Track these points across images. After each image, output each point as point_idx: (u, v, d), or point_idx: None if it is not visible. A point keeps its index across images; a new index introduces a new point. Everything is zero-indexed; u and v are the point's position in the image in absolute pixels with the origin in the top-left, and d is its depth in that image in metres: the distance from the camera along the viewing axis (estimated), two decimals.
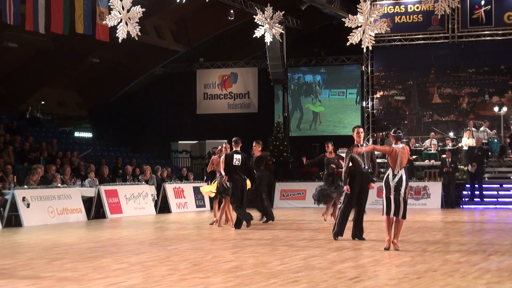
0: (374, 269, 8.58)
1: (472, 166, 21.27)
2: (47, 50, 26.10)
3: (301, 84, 30.02)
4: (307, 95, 29.87)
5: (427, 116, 26.56)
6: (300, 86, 30.02)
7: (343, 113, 29.26)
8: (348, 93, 29.34)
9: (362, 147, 11.63)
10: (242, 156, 14.55)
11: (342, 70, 29.56)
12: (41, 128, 25.09)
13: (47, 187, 16.92)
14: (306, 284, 7.57)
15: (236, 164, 14.33)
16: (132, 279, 7.98)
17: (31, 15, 16.58)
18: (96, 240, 12.70)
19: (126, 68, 30.45)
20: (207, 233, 13.91)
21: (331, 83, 29.70)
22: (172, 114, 31.82)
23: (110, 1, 12.38)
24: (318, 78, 29.88)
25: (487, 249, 10.61)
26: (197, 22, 28.61)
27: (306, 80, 30.00)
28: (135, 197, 19.34)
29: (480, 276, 8.05)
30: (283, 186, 23.22)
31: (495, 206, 21.00)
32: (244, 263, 9.18)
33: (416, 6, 26.06)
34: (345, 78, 29.52)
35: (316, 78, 29.90)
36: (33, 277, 8.22)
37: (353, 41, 12.99)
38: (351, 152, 11.69)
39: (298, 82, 30.02)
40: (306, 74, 29.98)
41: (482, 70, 25.90)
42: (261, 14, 16.17)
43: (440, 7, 13.07)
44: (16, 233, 14.38)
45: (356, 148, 11.54)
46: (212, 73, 31.10)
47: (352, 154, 11.66)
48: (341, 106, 29.36)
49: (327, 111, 29.54)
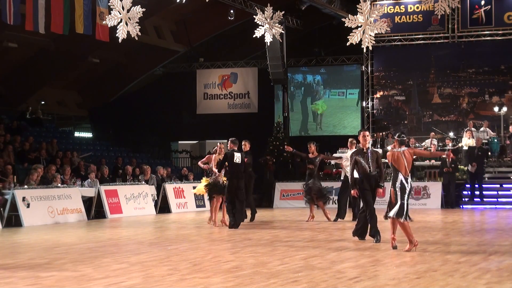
0: (374, 269, 8.58)
1: (472, 166, 21.28)
2: (47, 50, 26.09)
3: (302, 85, 30.01)
4: (307, 95, 29.86)
5: (427, 116, 26.57)
6: (301, 86, 30.00)
7: (343, 113, 29.24)
8: (348, 93, 29.31)
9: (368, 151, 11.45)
10: (242, 155, 14.73)
11: (342, 70, 29.55)
12: (41, 128, 25.09)
13: (47, 187, 16.93)
14: (306, 284, 7.57)
15: (237, 162, 14.45)
16: (132, 279, 7.98)
17: (31, 15, 16.57)
18: (96, 240, 12.70)
19: (126, 68, 30.43)
20: (207, 233, 13.91)
21: (331, 83, 29.69)
22: (172, 114, 31.80)
23: (110, 1, 12.38)
24: (318, 78, 29.87)
25: (487, 249, 10.61)
26: (197, 22, 28.60)
27: (308, 81, 29.99)
28: (135, 197, 19.34)
29: (480, 276, 8.05)
30: (283, 186, 23.22)
31: (495, 206, 21.00)
32: (244, 263, 9.18)
33: (416, 6, 26.06)
34: (345, 78, 29.51)
35: (316, 78, 29.89)
36: (33, 277, 8.22)
37: (353, 41, 12.99)
38: (355, 156, 11.60)
39: (298, 82, 30.00)
40: (306, 74, 29.97)
41: (482, 70, 25.90)
42: (261, 14, 16.17)
43: (440, 7, 13.06)
44: (16, 233, 14.38)
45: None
46: (212, 73, 31.09)
47: (356, 157, 11.54)
48: (341, 106, 29.34)
49: (327, 111, 29.53)
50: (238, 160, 14.50)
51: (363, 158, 11.50)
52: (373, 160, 11.47)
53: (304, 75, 30.00)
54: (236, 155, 14.53)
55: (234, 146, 14.76)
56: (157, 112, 31.32)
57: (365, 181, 11.48)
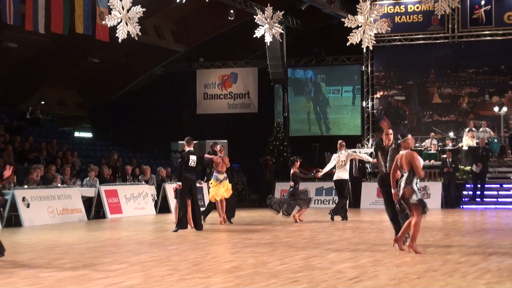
0: (374, 269, 8.58)
1: (477, 167, 21.19)
2: (47, 50, 26.10)
3: (302, 84, 30.01)
4: (308, 95, 29.86)
5: (427, 116, 26.57)
6: (301, 85, 30.01)
7: (342, 114, 29.24)
8: (348, 94, 29.32)
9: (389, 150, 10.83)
10: (197, 157, 14.27)
11: (342, 70, 29.54)
12: (41, 128, 25.09)
13: (47, 187, 16.93)
14: (306, 284, 7.57)
15: (191, 166, 14.03)
16: (132, 279, 7.98)
17: (31, 15, 16.58)
18: (96, 240, 12.69)
19: (126, 68, 30.44)
20: (207, 233, 13.90)
21: (331, 83, 29.69)
22: (172, 114, 31.81)
23: (110, 1, 12.38)
24: (318, 78, 29.86)
25: (487, 249, 10.60)
26: (197, 22, 28.60)
27: (308, 80, 29.99)
28: (135, 197, 19.33)
29: (480, 276, 8.04)
30: (283, 186, 23.18)
31: (495, 206, 20.98)
32: (244, 263, 9.17)
33: (416, 6, 26.06)
34: (345, 78, 29.51)
35: (316, 78, 29.88)
36: (33, 277, 8.21)
37: (353, 41, 12.99)
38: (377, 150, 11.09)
39: (298, 82, 30.01)
40: (306, 73, 29.96)
41: (482, 70, 25.90)
42: (261, 14, 16.18)
43: (440, 7, 13.08)
44: (16, 233, 14.37)
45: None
46: (212, 73, 31.10)
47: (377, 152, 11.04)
48: (340, 107, 29.34)
49: (327, 111, 29.51)
50: (192, 163, 13.96)
51: (382, 156, 10.98)
52: (391, 160, 10.83)
53: (305, 74, 30.00)
54: (192, 158, 13.99)
55: (189, 146, 14.16)
56: (157, 112, 31.34)
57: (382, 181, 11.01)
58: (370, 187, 21.52)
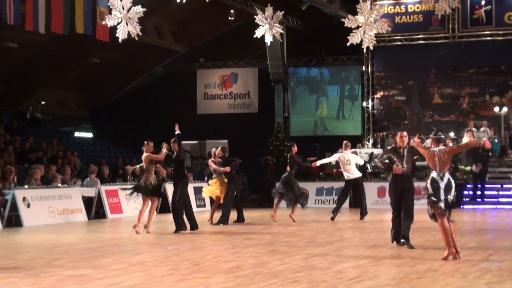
0: (374, 269, 8.57)
1: (477, 167, 21.16)
2: (47, 50, 26.09)
3: (302, 84, 29.99)
4: (307, 94, 29.84)
5: (427, 116, 26.56)
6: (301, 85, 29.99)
7: (342, 113, 29.23)
8: (348, 93, 29.31)
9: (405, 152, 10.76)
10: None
11: (342, 70, 29.53)
12: (41, 128, 25.08)
13: (47, 187, 16.92)
14: (306, 284, 7.57)
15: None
16: (132, 279, 7.98)
17: (31, 15, 16.56)
18: (96, 240, 12.69)
19: (126, 68, 30.43)
20: (207, 233, 13.90)
21: (331, 83, 29.67)
22: (172, 114, 31.77)
23: (110, 1, 12.38)
24: (318, 78, 29.84)
25: (487, 249, 10.60)
26: (197, 22, 28.60)
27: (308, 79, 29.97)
28: (135, 197, 19.27)
29: (481, 276, 8.04)
30: None
31: (495, 206, 20.96)
32: (244, 263, 9.17)
33: (416, 6, 26.06)
34: (345, 78, 29.50)
35: (316, 78, 29.87)
36: (33, 277, 8.21)
37: (353, 41, 13.00)
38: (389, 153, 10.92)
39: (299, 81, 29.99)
40: (307, 72, 29.94)
41: (482, 70, 25.90)
42: (261, 14, 16.17)
43: (441, 7, 13.09)
44: (16, 233, 14.38)
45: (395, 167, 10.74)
46: (212, 73, 31.09)
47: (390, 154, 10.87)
48: (340, 107, 29.32)
49: (327, 111, 29.51)
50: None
51: (397, 157, 10.86)
52: (408, 161, 10.85)
53: (305, 74, 29.98)
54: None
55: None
56: (157, 112, 31.31)
57: (396, 183, 10.87)
58: (371, 187, 21.48)
